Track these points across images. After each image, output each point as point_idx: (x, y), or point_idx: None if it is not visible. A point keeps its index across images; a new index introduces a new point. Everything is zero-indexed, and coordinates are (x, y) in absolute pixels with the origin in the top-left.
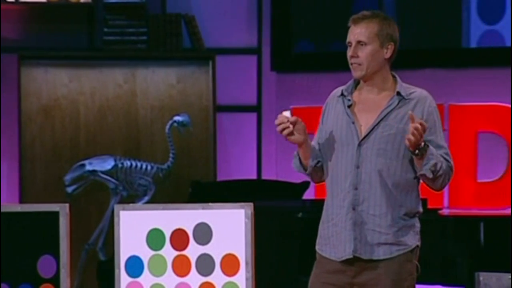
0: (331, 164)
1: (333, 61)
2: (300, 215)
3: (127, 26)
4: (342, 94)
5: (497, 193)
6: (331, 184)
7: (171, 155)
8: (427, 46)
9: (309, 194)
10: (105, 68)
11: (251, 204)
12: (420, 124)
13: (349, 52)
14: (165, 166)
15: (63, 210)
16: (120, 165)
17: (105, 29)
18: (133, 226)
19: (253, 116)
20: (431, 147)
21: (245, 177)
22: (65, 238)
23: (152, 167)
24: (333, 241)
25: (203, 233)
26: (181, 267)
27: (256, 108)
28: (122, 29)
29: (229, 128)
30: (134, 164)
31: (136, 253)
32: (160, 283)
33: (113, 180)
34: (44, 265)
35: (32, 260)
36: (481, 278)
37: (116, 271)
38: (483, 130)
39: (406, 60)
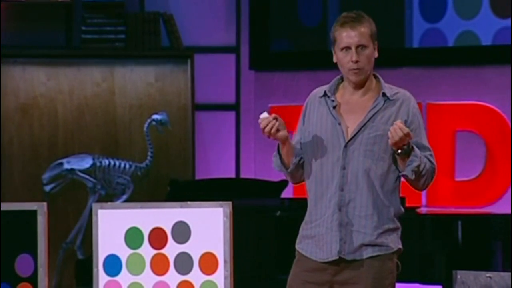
0: (315, 165)
1: (311, 59)
2: (278, 213)
3: (105, 25)
4: (325, 95)
5: (474, 191)
6: (315, 185)
7: (149, 153)
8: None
9: (287, 193)
10: (83, 66)
11: (230, 202)
12: (401, 128)
13: (350, 57)
14: (143, 165)
15: (41, 209)
16: (98, 164)
17: (83, 28)
18: (111, 224)
19: (231, 115)
20: (416, 149)
21: (223, 176)
22: (43, 237)
23: (130, 166)
24: (316, 242)
25: (182, 232)
26: (159, 265)
27: (235, 107)
28: (100, 27)
29: (207, 126)
30: (112, 162)
31: (114, 252)
32: (139, 281)
33: (91, 178)
34: (22, 264)
35: (9, 259)
36: (458, 276)
37: (94, 270)
38: (461, 128)
39: (382, 59)
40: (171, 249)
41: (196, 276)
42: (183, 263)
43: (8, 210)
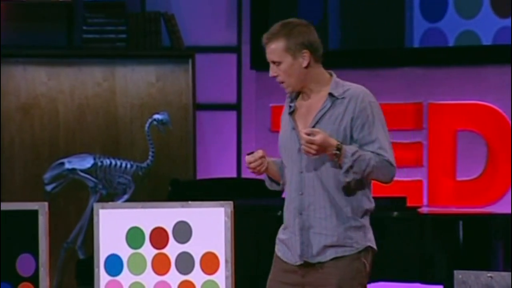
0: (285, 171)
1: None
2: (279, 213)
3: (106, 24)
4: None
5: (476, 191)
6: (286, 191)
7: (150, 153)
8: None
9: None
10: (84, 66)
11: (231, 202)
12: (309, 133)
13: (270, 73)
14: (144, 165)
15: (42, 208)
16: (99, 164)
17: (84, 27)
18: (113, 224)
19: (232, 115)
20: (347, 150)
21: (224, 176)
22: (44, 237)
23: (131, 166)
24: (286, 245)
25: (183, 232)
26: (160, 265)
27: (236, 107)
28: (101, 27)
29: (208, 126)
30: (113, 162)
31: (116, 252)
32: (140, 281)
33: (92, 178)
34: (23, 264)
35: (11, 258)
36: (459, 276)
37: (96, 269)
38: (462, 128)
39: (383, 59)
40: (172, 249)
41: (197, 276)
42: (184, 263)
43: (9, 210)
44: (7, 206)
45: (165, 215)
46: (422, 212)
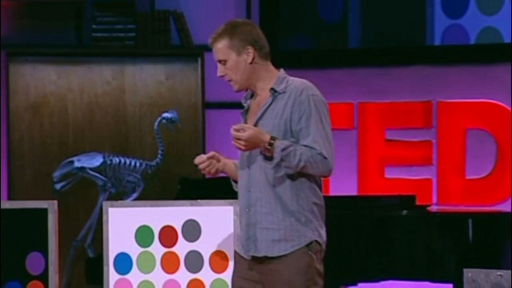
0: (238, 169)
1: (321, 58)
2: None
3: (115, 23)
4: None
5: (485, 190)
6: (238, 188)
7: (159, 152)
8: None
9: None
10: (94, 64)
11: None
12: (238, 129)
13: (217, 73)
14: (153, 163)
15: (51, 207)
16: (108, 162)
17: (94, 26)
18: (122, 223)
19: None
20: (277, 145)
21: None
22: (53, 235)
23: (140, 164)
24: (239, 240)
25: (192, 230)
26: (169, 264)
27: None
28: (110, 25)
29: (217, 125)
30: (122, 161)
31: (125, 250)
32: (149, 280)
33: (101, 177)
34: (32, 262)
35: (20, 257)
36: (469, 275)
37: (105, 268)
38: (471, 127)
39: (393, 57)
40: (182, 248)
41: (206, 274)
42: (194, 261)
43: (19, 208)
44: (16, 204)
45: (174, 214)
46: (431, 210)
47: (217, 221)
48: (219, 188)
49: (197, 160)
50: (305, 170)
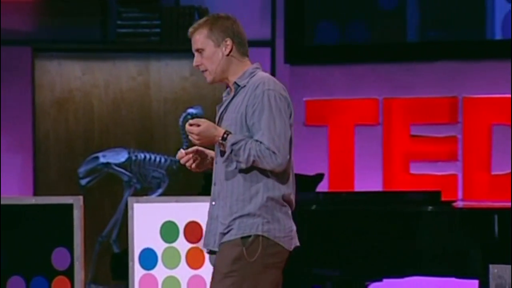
0: None
1: (346, 53)
2: (313, 207)
3: (140, 19)
4: None
5: (511, 185)
6: None
7: (184, 147)
8: (452, 37)
9: (322, 187)
10: (119, 60)
11: None
12: (192, 123)
13: (193, 63)
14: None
15: (77, 202)
16: (133, 158)
17: (119, 22)
18: (147, 218)
19: None
20: (229, 139)
21: None
22: (79, 231)
23: (165, 160)
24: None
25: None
26: (195, 259)
27: None
28: (135, 21)
29: None
30: (147, 156)
31: (150, 246)
32: (174, 275)
33: (126, 172)
34: (58, 258)
35: (46, 252)
36: (495, 271)
37: (130, 263)
38: (497, 122)
39: (419, 52)
40: None
41: None
42: None
43: (44, 203)
44: (42, 200)
45: (199, 209)
46: (456, 206)
47: None
48: None
49: (178, 155)
50: (255, 164)
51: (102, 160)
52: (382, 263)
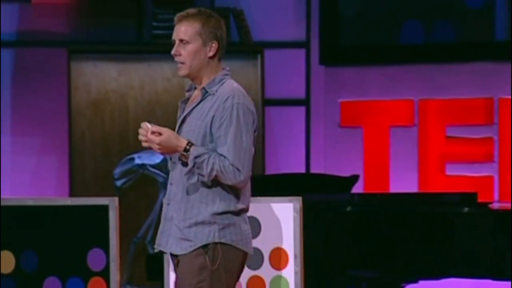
0: None
1: (381, 54)
2: (349, 208)
3: None
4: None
5: None
6: None
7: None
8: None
9: (357, 188)
10: (154, 62)
11: (300, 198)
12: (153, 131)
13: (172, 51)
14: None
15: (112, 203)
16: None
17: (154, 23)
18: None
19: (301, 110)
20: (192, 152)
21: (293, 171)
22: (114, 232)
23: None
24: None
25: (252, 227)
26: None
27: (305, 102)
28: (170, 23)
29: (277, 122)
30: None
31: None
32: None
33: (162, 173)
34: (93, 259)
35: (81, 253)
36: None
37: (165, 264)
38: None
39: (454, 53)
40: None
41: (266, 271)
42: (254, 258)
43: (80, 204)
44: (78, 201)
45: None
46: (493, 207)
47: (277, 218)
48: (279, 185)
49: (143, 126)
50: (217, 178)
51: (137, 161)
52: (417, 264)
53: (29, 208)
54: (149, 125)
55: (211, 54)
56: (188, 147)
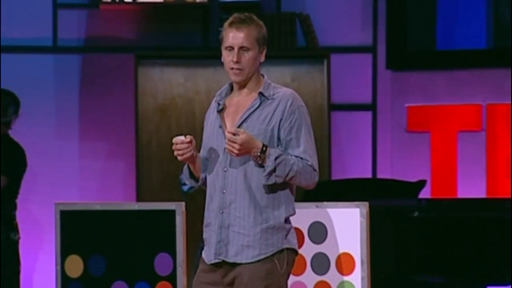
0: (208, 169)
1: (448, 59)
2: (416, 214)
3: None
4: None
5: None
6: (208, 189)
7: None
8: None
9: (424, 193)
10: (220, 67)
11: (366, 203)
12: (233, 132)
13: (231, 57)
14: None
15: (179, 208)
16: None
17: (220, 29)
18: None
19: (368, 115)
20: (271, 153)
21: (360, 176)
22: (181, 236)
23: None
24: (207, 244)
25: (318, 232)
26: (296, 266)
27: (371, 107)
28: None
29: (343, 126)
30: None
31: None
32: None
33: None
34: (160, 263)
35: (149, 258)
36: None
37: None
38: None
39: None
40: (308, 249)
41: (333, 276)
42: (320, 263)
43: (147, 209)
44: (145, 206)
45: (300, 216)
46: None
47: (343, 223)
48: (345, 190)
49: (176, 139)
50: (293, 180)
51: None
52: (485, 270)
53: (97, 213)
54: (183, 138)
55: (262, 59)
56: (264, 148)
